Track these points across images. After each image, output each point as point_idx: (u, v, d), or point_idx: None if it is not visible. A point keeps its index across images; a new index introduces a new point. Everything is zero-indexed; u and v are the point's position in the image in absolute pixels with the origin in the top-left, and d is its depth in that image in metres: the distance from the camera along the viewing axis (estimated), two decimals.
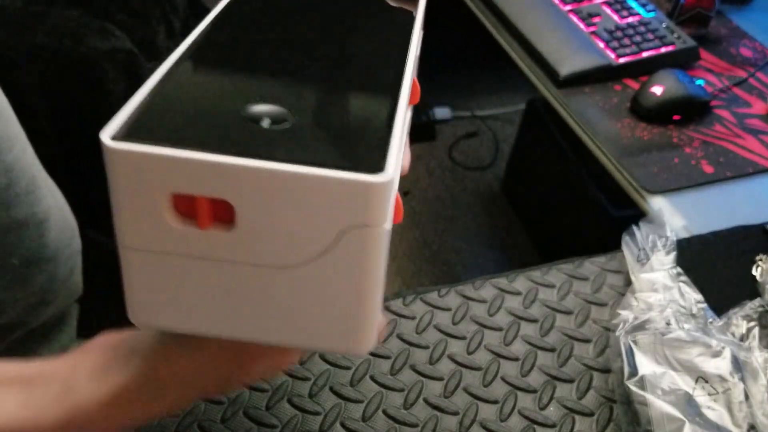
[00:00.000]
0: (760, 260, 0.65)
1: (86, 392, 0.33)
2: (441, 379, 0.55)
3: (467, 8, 1.11)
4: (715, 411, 0.49)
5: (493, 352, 0.57)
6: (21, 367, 0.34)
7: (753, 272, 0.64)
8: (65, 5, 1.00)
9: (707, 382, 0.51)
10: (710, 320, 0.57)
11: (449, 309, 0.60)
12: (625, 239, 0.64)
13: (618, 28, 0.96)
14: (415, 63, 0.37)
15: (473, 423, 0.52)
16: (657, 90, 0.85)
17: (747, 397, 0.50)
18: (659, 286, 0.58)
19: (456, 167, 1.79)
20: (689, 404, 0.49)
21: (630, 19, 0.98)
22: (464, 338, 0.58)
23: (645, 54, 0.93)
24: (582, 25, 0.98)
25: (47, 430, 0.33)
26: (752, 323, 0.57)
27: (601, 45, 0.94)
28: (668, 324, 0.54)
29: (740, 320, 0.57)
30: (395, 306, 0.60)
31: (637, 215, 0.68)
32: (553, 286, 0.63)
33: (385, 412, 0.52)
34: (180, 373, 0.34)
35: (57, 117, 1.03)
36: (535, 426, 0.52)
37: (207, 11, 0.36)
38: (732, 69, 0.96)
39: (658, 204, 0.74)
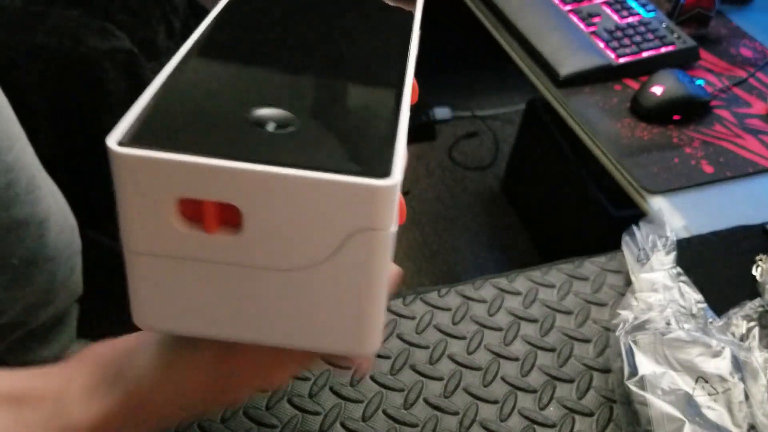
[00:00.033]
0: (760, 260, 0.65)
1: (76, 414, 0.33)
2: (441, 379, 0.55)
3: (467, 8, 1.11)
4: (715, 411, 0.49)
5: (493, 352, 0.57)
6: (10, 382, 0.34)
7: (753, 272, 0.64)
8: (65, 5, 1.01)
9: (707, 382, 0.51)
10: (710, 320, 0.57)
11: (449, 309, 0.60)
12: (625, 239, 0.64)
13: (618, 28, 0.96)
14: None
15: (473, 423, 0.52)
16: (657, 90, 0.85)
17: (747, 397, 0.50)
18: (659, 286, 0.58)
19: (456, 167, 1.79)
20: (689, 404, 0.49)
21: (630, 19, 0.98)
22: (464, 338, 0.58)
23: (645, 54, 0.93)
24: (582, 25, 0.98)
25: None
26: (752, 323, 0.57)
27: (601, 45, 0.94)
28: (668, 324, 0.54)
29: (740, 320, 0.57)
30: (395, 306, 0.60)
31: (637, 215, 0.68)
32: (553, 286, 0.63)
33: (385, 412, 0.52)
34: (166, 398, 0.34)
35: (57, 117, 1.03)
36: (535, 426, 0.52)
37: (207, 11, 0.36)
38: (732, 69, 0.96)
39: (658, 204, 0.74)
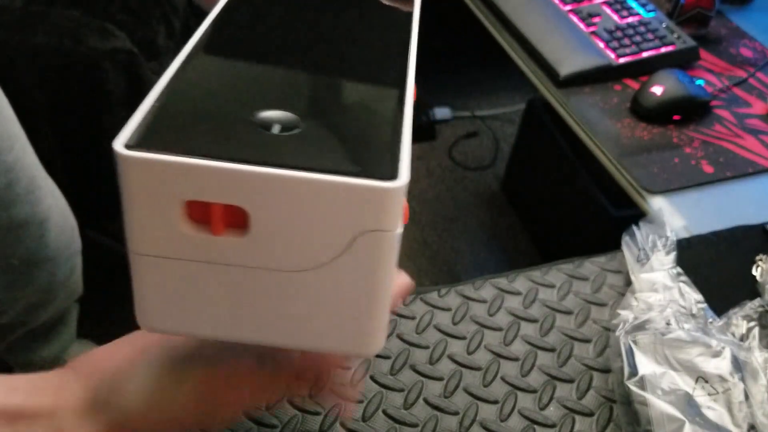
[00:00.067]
0: (760, 260, 0.65)
1: None
2: (441, 379, 0.55)
3: (467, 8, 1.11)
4: (715, 411, 0.49)
5: (493, 352, 0.57)
6: (5, 398, 0.33)
7: (753, 272, 0.64)
8: (65, 5, 1.01)
9: (707, 382, 0.51)
10: (710, 320, 0.57)
11: (449, 309, 0.60)
12: (625, 239, 0.64)
13: (618, 28, 0.96)
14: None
15: (473, 423, 0.52)
16: (657, 90, 0.85)
17: (747, 397, 0.50)
18: (659, 286, 0.58)
19: (456, 167, 1.79)
20: (689, 404, 0.49)
21: (630, 19, 0.98)
22: (464, 338, 0.58)
23: (645, 54, 0.93)
24: (582, 25, 0.98)
25: None
26: (752, 323, 0.57)
27: (601, 45, 0.94)
28: (668, 324, 0.54)
29: (740, 320, 0.57)
30: None
31: (637, 215, 0.68)
32: (553, 286, 0.63)
33: (385, 412, 0.52)
34: (156, 424, 0.34)
35: (57, 117, 1.03)
36: (535, 426, 0.52)
37: (206, 12, 0.36)
38: (732, 69, 0.96)
39: (658, 204, 0.74)
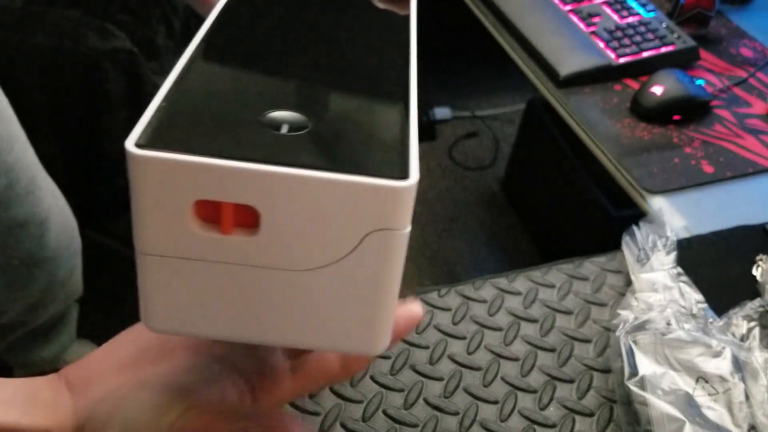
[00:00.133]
0: (761, 260, 0.65)
1: None
2: (441, 380, 0.55)
3: (467, 8, 1.11)
4: (716, 411, 0.49)
5: (493, 353, 0.57)
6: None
7: (753, 272, 0.64)
8: (65, 5, 1.01)
9: (707, 383, 0.51)
10: (710, 320, 0.57)
11: (449, 309, 0.60)
12: (625, 239, 0.64)
13: (618, 28, 0.96)
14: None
15: (473, 423, 0.52)
16: (657, 90, 0.85)
17: (747, 398, 0.50)
18: (659, 286, 0.58)
19: (456, 167, 1.79)
20: (689, 404, 0.49)
21: (630, 19, 0.98)
22: (464, 338, 0.58)
23: (645, 54, 0.93)
24: (582, 25, 0.98)
25: None
26: (752, 323, 0.56)
27: (601, 45, 0.94)
28: (668, 324, 0.54)
29: (740, 320, 0.57)
30: None
31: (637, 215, 0.68)
32: (553, 286, 0.63)
33: (385, 413, 0.52)
34: None
35: (57, 117, 1.03)
36: (535, 426, 0.52)
37: (203, 16, 0.36)
38: (732, 69, 0.96)
39: (658, 204, 0.74)
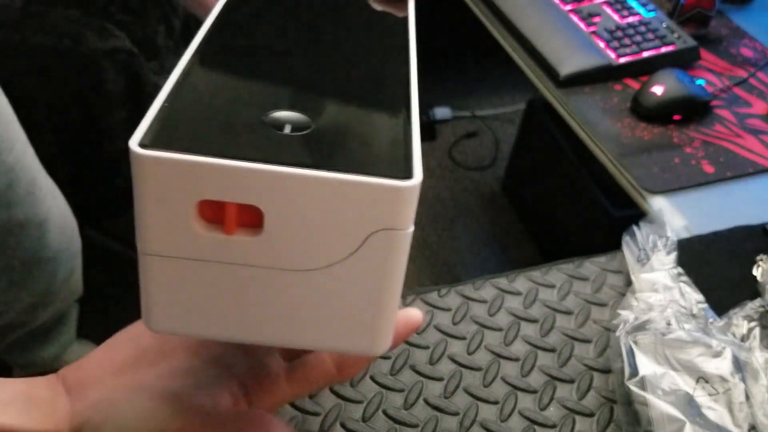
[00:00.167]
0: (761, 260, 0.65)
1: None
2: (441, 380, 0.55)
3: (467, 8, 1.11)
4: (716, 411, 0.49)
5: (494, 353, 0.57)
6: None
7: (754, 272, 0.64)
8: (65, 5, 1.01)
9: (708, 383, 0.51)
10: (711, 320, 0.57)
11: (449, 309, 0.60)
12: (626, 239, 0.64)
13: (618, 28, 0.96)
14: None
15: (473, 423, 0.52)
16: (657, 90, 0.85)
17: (748, 398, 0.50)
18: (660, 287, 0.58)
19: (456, 167, 1.79)
20: (690, 405, 0.49)
21: (630, 19, 0.98)
22: (464, 338, 0.58)
23: (645, 54, 0.93)
24: (582, 25, 0.97)
25: None
26: (753, 323, 0.56)
27: (602, 45, 0.94)
28: (669, 324, 0.54)
29: (741, 320, 0.57)
30: None
31: (638, 215, 0.68)
32: (554, 286, 0.63)
33: (385, 413, 0.52)
34: None
35: (57, 117, 1.03)
36: (536, 426, 0.52)
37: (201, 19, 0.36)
38: (732, 69, 0.96)
39: (659, 204, 0.74)
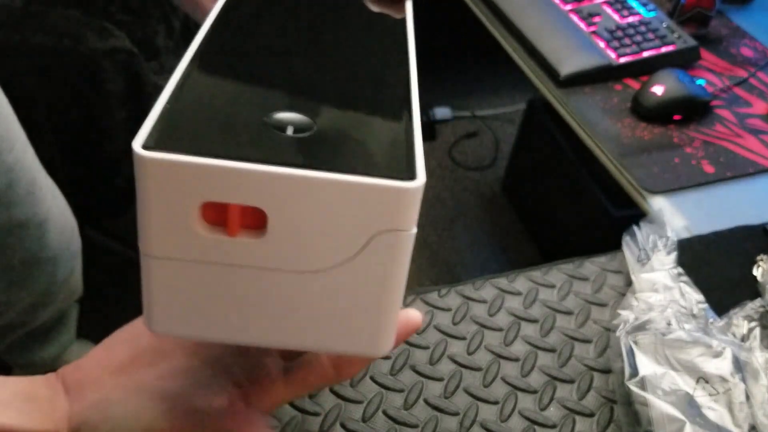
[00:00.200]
0: (761, 260, 0.65)
1: None
2: (441, 380, 0.55)
3: (467, 8, 1.11)
4: (716, 411, 0.49)
5: (494, 353, 0.57)
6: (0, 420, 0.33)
7: (754, 272, 0.64)
8: (65, 5, 1.00)
9: (708, 383, 0.51)
10: (711, 320, 0.57)
11: (449, 309, 0.60)
12: (626, 239, 0.64)
13: (618, 28, 0.96)
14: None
15: (473, 423, 0.52)
16: (658, 90, 0.85)
17: (748, 398, 0.50)
18: (660, 287, 0.58)
19: (456, 167, 1.79)
20: (690, 405, 0.49)
21: (630, 19, 0.98)
22: (464, 338, 0.58)
23: (646, 54, 0.93)
24: (582, 25, 0.97)
25: None
26: (753, 323, 0.56)
27: (602, 45, 0.94)
28: (669, 324, 0.54)
29: (741, 320, 0.57)
30: None
31: (638, 215, 0.68)
32: (554, 287, 0.63)
33: (385, 413, 0.52)
34: None
35: (57, 117, 1.03)
36: (536, 426, 0.52)
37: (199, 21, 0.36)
38: (732, 69, 0.96)
39: (659, 204, 0.74)
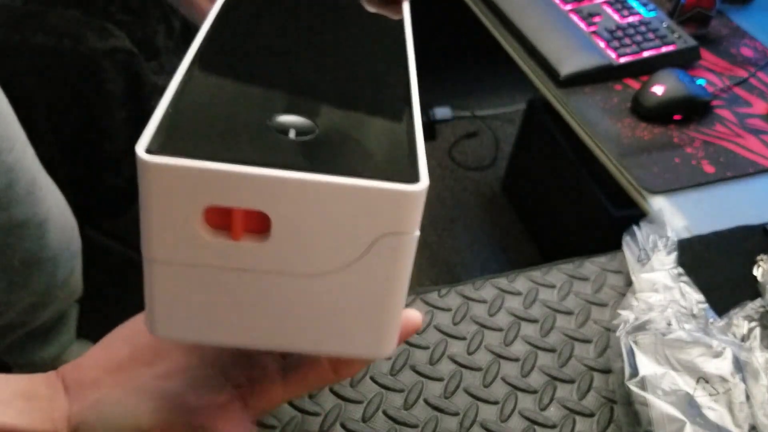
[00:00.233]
0: (761, 260, 0.65)
1: None
2: (441, 380, 0.55)
3: (467, 8, 1.11)
4: (716, 411, 0.49)
5: (494, 353, 0.57)
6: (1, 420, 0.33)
7: (754, 272, 0.64)
8: (65, 5, 1.00)
9: (708, 383, 0.51)
10: (711, 320, 0.57)
11: (449, 309, 0.60)
12: (626, 239, 0.64)
13: (619, 28, 0.96)
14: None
15: (473, 424, 0.52)
16: (658, 90, 0.85)
17: (748, 398, 0.50)
18: (660, 287, 0.58)
19: (456, 167, 1.79)
20: (690, 405, 0.49)
21: (631, 19, 0.98)
22: (464, 339, 0.58)
23: (646, 54, 0.93)
24: (583, 25, 0.97)
25: None
26: (753, 323, 0.56)
27: (602, 44, 0.94)
28: (669, 324, 0.54)
29: (741, 320, 0.57)
30: None
31: (638, 215, 0.68)
32: (554, 287, 0.63)
33: (385, 413, 0.52)
34: None
35: (57, 117, 1.02)
36: (536, 427, 0.52)
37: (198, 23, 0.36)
38: (733, 69, 0.96)
39: (659, 204, 0.74)
